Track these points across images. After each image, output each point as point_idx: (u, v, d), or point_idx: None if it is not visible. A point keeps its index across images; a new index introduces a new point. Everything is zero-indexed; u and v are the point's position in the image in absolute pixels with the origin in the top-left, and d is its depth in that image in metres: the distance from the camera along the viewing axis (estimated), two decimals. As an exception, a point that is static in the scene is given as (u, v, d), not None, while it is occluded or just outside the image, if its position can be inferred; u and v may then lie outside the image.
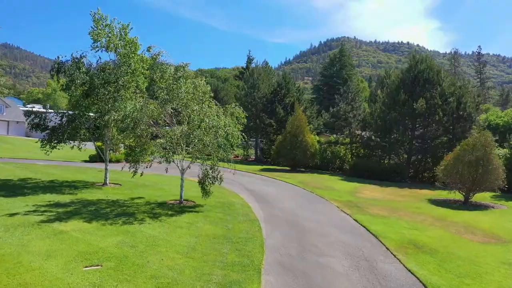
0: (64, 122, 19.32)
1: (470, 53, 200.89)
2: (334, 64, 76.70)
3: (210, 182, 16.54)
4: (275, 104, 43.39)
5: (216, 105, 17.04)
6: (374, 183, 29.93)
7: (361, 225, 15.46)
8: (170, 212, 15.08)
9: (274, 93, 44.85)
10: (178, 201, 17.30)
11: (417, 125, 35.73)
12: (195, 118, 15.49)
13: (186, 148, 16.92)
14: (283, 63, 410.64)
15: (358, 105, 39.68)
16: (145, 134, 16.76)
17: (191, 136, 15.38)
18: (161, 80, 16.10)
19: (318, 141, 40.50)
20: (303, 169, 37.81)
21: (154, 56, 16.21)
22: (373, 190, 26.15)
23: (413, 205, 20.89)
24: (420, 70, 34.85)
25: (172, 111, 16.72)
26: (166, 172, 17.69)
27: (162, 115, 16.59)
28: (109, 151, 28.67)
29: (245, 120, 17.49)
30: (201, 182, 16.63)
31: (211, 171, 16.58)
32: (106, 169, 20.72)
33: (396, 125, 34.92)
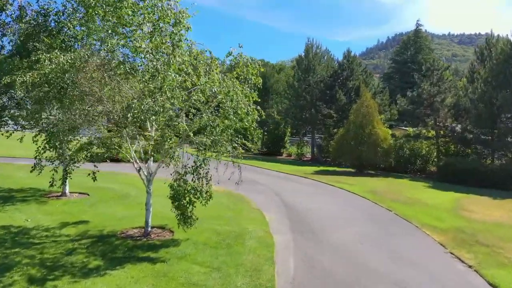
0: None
1: None
2: (408, 47, 65.27)
3: (189, 199, 8.69)
4: (335, 89, 34.49)
5: (210, 54, 9.00)
6: (478, 192, 20.18)
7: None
8: (96, 263, 7.43)
9: (334, 76, 35.94)
10: (143, 231, 9.65)
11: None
12: (149, 64, 7.58)
13: (141, 131, 9.25)
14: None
15: (447, 86, 29.59)
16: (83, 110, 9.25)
17: (140, 106, 7.47)
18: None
19: (392, 135, 31.05)
20: (373, 171, 28.64)
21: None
22: (486, 205, 16.65)
23: None
24: (543, 30, 24.19)
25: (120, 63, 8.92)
26: (94, 181, 9.98)
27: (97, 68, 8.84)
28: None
29: (260, 81, 9.40)
30: (175, 198, 8.80)
31: (194, 175, 8.80)
32: (64, 170, 13.66)
33: (508, 110, 24.66)
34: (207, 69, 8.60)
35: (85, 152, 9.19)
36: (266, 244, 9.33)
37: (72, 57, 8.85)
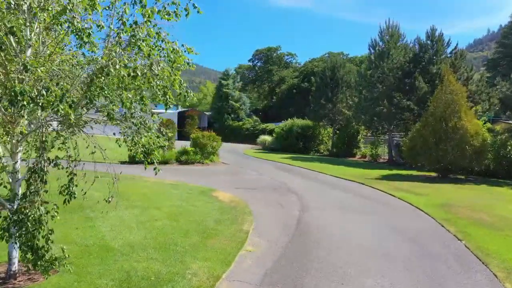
0: None
1: None
2: (520, 27, 54.30)
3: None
4: (415, 75, 28.30)
5: None
6: None
7: None
8: None
9: (414, 60, 29.69)
10: (5, 273, 6.25)
11: None
12: None
13: None
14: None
15: None
16: None
17: None
18: None
19: (490, 130, 24.21)
20: (462, 177, 22.29)
21: None
22: None
23: None
24: None
25: None
26: None
27: None
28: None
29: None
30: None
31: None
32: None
33: None
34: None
35: None
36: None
37: None
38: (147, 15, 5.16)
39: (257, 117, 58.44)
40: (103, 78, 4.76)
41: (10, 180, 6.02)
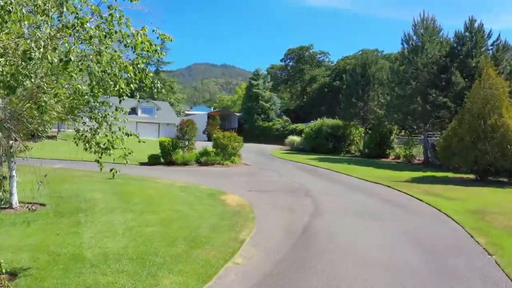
0: None
1: None
2: None
3: None
4: (451, 70, 26.28)
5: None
6: None
7: None
8: None
9: (451, 54, 27.61)
10: None
11: None
12: None
13: None
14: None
15: None
16: None
17: None
18: None
19: (537, 128, 21.92)
20: (505, 179, 20.24)
21: None
22: None
23: None
24: None
25: None
26: None
27: None
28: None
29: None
30: None
31: None
32: (11, 176, 10.69)
33: None
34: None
35: None
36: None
37: None
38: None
39: (288, 118, 57.29)
40: (25, 63, 4.03)
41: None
